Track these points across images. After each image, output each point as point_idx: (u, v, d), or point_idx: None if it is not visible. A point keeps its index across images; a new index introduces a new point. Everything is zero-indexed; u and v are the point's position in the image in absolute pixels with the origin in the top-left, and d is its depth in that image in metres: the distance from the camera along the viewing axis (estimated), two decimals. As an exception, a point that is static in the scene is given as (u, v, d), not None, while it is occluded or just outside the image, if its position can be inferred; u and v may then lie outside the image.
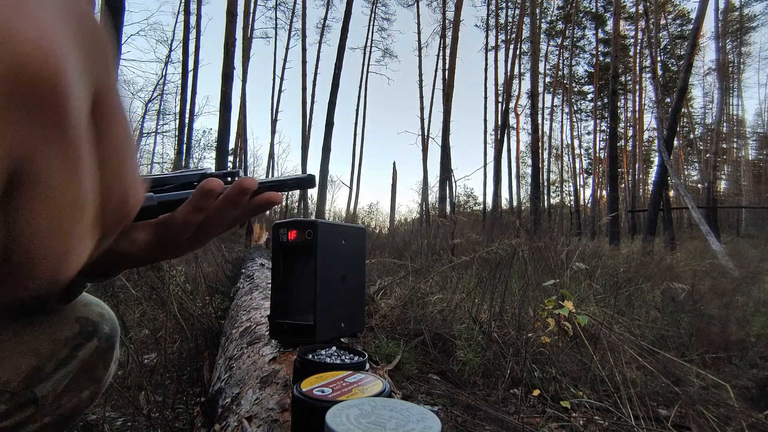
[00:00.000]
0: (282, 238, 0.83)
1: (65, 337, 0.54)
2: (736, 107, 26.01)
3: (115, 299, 1.83)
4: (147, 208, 0.36)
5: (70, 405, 0.57)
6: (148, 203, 0.36)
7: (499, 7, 20.60)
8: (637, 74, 21.89)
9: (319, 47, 19.42)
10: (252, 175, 0.68)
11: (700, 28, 7.61)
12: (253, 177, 0.40)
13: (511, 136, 22.19)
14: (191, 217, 0.37)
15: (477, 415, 1.43)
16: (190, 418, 1.26)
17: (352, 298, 0.87)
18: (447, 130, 13.43)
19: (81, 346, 0.56)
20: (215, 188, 0.36)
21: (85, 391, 0.59)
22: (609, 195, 9.13)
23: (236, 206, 0.38)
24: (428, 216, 12.29)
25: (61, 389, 0.55)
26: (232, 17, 9.85)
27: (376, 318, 2.42)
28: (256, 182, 0.38)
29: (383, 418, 0.29)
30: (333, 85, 11.47)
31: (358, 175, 21.43)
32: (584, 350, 1.71)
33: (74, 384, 0.57)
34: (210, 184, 0.36)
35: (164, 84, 15.62)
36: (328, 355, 0.59)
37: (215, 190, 0.36)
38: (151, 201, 0.36)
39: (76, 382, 0.57)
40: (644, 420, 1.36)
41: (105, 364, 0.62)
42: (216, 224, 0.39)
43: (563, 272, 2.86)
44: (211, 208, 0.37)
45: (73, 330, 0.56)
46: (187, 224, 0.37)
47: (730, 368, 1.93)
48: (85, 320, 0.57)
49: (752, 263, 4.78)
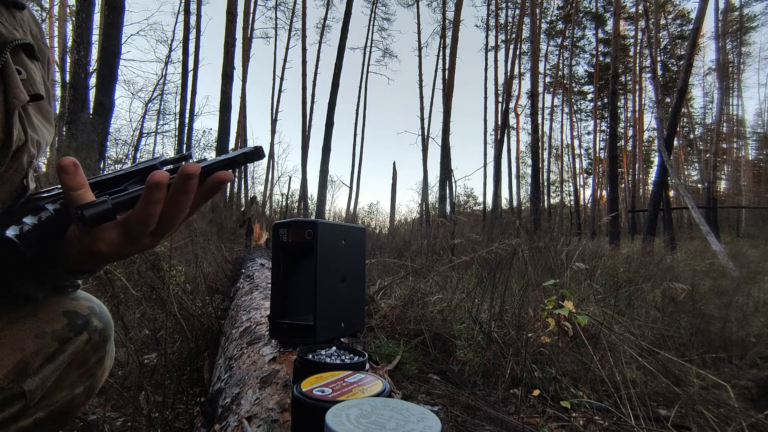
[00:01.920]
0: (282, 238, 0.83)
1: (52, 330, 0.54)
2: (736, 107, 26.01)
3: (115, 299, 1.82)
4: (104, 212, 0.37)
5: (65, 400, 0.57)
6: (103, 208, 0.37)
7: (499, 7, 20.59)
8: (637, 74, 21.89)
9: (319, 47, 19.41)
10: (252, 173, 0.68)
11: (700, 28, 7.61)
12: (196, 161, 0.42)
13: (511, 136, 22.21)
14: (149, 210, 0.39)
15: (477, 415, 1.43)
16: (190, 418, 1.25)
17: (352, 298, 0.87)
18: (447, 130, 13.43)
19: (70, 340, 0.56)
20: (161, 180, 0.38)
21: (79, 386, 0.59)
22: (609, 195, 9.13)
23: (187, 192, 0.40)
24: (428, 216, 12.29)
25: (51, 384, 0.55)
26: (232, 17, 9.85)
27: (376, 318, 2.42)
28: (198, 167, 0.40)
29: (383, 418, 0.29)
30: (333, 85, 11.47)
31: (358, 175, 21.43)
32: (584, 350, 1.71)
33: (66, 379, 0.57)
34: (155, 178, 0.38)
35: (164, 84, 15.59)
36: (328, 355, 0.59)
37: (161, 182, 0.38)
38: (106, 205, 0.37)
39: (68, 376, 0.57)
40: (644, 420, 1.36)
41: (99, 359, 0.61)
42: (175, 212, 0.41)
43: (563, 272, 2.86)
44: (165, 198, 0.39)
45: (61, 323, 0.56)
46: (147, 217, 0.39)
47: (730, 368, 1.93)
48: (73, 314, 0.57)
49: (752, 263, 4.78)
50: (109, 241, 0.41)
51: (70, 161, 0.38)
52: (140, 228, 0.40)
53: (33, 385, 0.52)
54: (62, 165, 0.38)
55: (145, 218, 0.39)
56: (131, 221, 0.40)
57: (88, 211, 0.36)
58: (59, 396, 0.57)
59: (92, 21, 5.91)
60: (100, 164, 5.88)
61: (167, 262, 2.24)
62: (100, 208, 0.37)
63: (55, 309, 0.56)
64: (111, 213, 0.38)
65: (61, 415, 0.58)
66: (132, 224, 0.40)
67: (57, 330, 0.55)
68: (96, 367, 0.61)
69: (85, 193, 0.38)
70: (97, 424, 1.24)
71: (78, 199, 0.38)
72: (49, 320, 0.55)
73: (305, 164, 16.29)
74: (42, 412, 0.55)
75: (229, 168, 0.43)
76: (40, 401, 0.54)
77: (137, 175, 0.43)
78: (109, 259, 0.44)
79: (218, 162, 0.43)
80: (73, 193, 0.38)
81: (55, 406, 0.56)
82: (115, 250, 0.42)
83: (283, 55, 20.04)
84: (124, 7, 5.80)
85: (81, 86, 5.70)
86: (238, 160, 0.45)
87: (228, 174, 0.43)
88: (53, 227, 0.41)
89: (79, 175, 0.38)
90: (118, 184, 0.43)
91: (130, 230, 0.40)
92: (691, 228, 15.18)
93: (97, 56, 6.01)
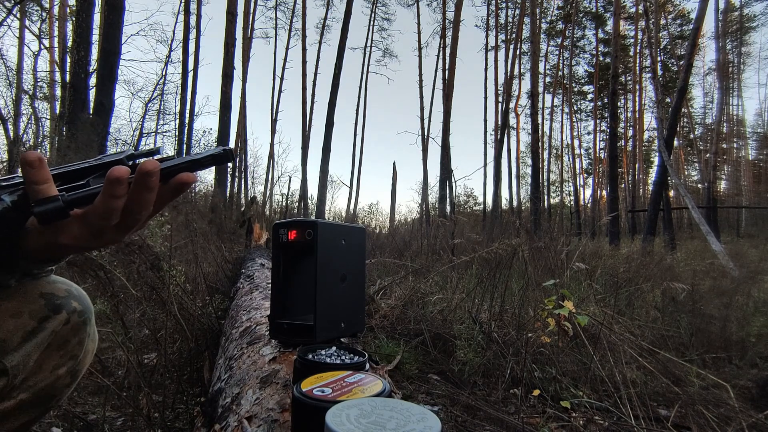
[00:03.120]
0: (282, 238, 0.83)
1: (30, 310, 0.55)
2: (736, 107, 25.98)
3: (115, 299, 1.83)
4: (54, 209, 0.37)
5: (47, 382, 0.58)
6: (54, 205, 0.37)
7: (499, 7, 20.58)
8: (637, 74, 21.88)
9: (319, 47, 19.40)
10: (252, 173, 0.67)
11: (700, 28, 7.61)
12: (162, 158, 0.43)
13: (511, 136, 22.20)
14: (108, 204, 0.39)
15: (477, 415, 1.43)
16: (190, 418, 1.25)
17: (352, 298, 0.87)
18: (447, 130, 13.43)
19: (48, 318, 0.57)
20: (121, 176, 0.38)
21: (61, 368, 0.60)
22: (609, 195, 9.13)
23: (148, 188, 0.40)
24: (428, 216, 12.29)
25: (33, 364, 0.55)
26: (232, 17, 9.86)
27: (376, 318, 2.42)
28: (157, 164, 0.39)
29: (383, 418, 0.29)
30: (333, 85, 11.47)
31: (358, 175, 21.42)
32: (584, 350, 1.71)
33: (48, 360, 0.58)
34: (114, 173, 0.38)
35: (164, 84, 15.58)
36: (328, 355, 0.59)
37: (121, 177, 0.38)
38: (57, 203, 0.37)
39: (50, 357, 0.58)
40: (644, 420, 1.36)
41: (79, 341, 0.62)
42: (138, 208, 0.41)
43: (563, 272, 2.86)
44: (125, 193, 0.39)
45: (38, 304, 0.56)
46: (109, 211, 0.39)
47: (730, 368, 1.93)
48: (50, 295, 0.58)
49: (752, 263, 4.77)
50: (71, 234, 0.41)
51: (35, 156, 0.38)
52: (101, 222, 0.40)
53: (14, 361, 0.52)
54: (27, 159, 0.38)
55: (105, 213, 0.39)
56: (91, 215, 0.40)
57: (39, 208, 0.37)
58: (42, 377, 0.58)
59: (92, 21, 5.91)
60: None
61: (167, 262, 2.24)
62: (51, 206, 0.37)
63: (32, 291, 0.57)
64: (62, 210, 0.38)
65: (45, 398, 0.59)
66: (92, 218, 0.40)
67: (34, 309, 0.56)
68: (77, 348, 0.62)
69: (47, 188, 0.38)
70: (97, 423, 1.24)
71: (40, 193, 0.38)
72: (25, 301, 0.55)
73: (305, 164, 16.29)
74: (25, 393, 0.55)
75: (194, 170, 0.43)
76: (23, 382, 0.55)
77: (102, 168, 0.43)
78: (72, 251, 0.45)
79: (184, 162, 0.42)
80: (36, 186, 0.38)
81: (39, 387, 0.57)
82: (77, 242, 0.42)
83: (283, 55, 20.04)
84: (124, 7, 5.80)
85: (81, 86, 5.69)
86: (204, 162, 0.43)
87: (191, 176, 0.42)
88: (12, 218, 0.40)
89: (44, 169, 0.38)
90: (83, 177, 0.42)
91: (91, 224, 0.40)
92: (691, 228, 15.18)
93: (97, 56, 6.01)
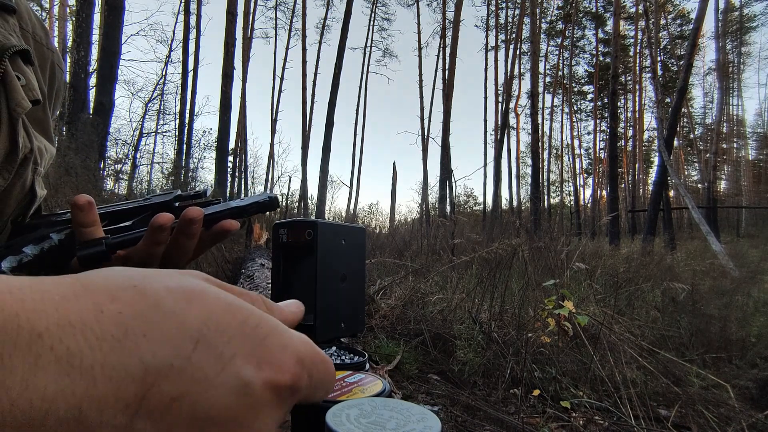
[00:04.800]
0: (282, 238, 0.83)
1: None
2: (736, 107, 26.01)
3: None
4: (96, 253, 0.38)
5: None
6: (96, 249, 0.38)
7: (499, 7, 20.58)
8: (637, 74, 21.89)
9: (319, 47, 19.41)
10: (251, 173, 0.67)
11: (700, 28, 7.61)
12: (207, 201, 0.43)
13: (511, 136, 22.21)
14: (151, 249, 0.39)
15: (477, 415, 1.43)
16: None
17: (352, 298, 0.87)
18: (447, 130, 13.43)
19: None
20: (164, 223, 0.38)
21: None
22: (609, 195, 9.13)
23: (189, 236, 0.40)
24: (428, 216, 12.29)
25: None
26: (232, 17, 9.86)
27: (376, 318, 2.42)
28: (201, 212, 0.40)
29: (383, 418, 0.29)
30: (333, 85, 11.47)
31: (358, 175, 21.44)
32: (584, 350, 1.71)
33: None
34: (158, 220, 0.38)
35: (164, 84, 15.60)
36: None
37: (164, 224, 0.38)
38: (100, 247, 0.38)
39: None
40: (644, 420, 1.36)
41: None
42: (178, 254, 0.41)
43: (563, 272, 2.86)
44: (167, 239, 0.39)
45: None
46: (149, 257, 0.40)
47: (730, 368, 1.93)
48: None
49: (752, 263, 4.77)
50: None
51: (85, 200, 0.38)
52: (144, 265, 0.40)
53: None
54: (77, 203, 0.38)
55: (146, 258, 0.40)
56: (133, 258, 0.40)
57: (82, 252, 0.37)
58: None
59: (92, 21, 5.91)
60: (100, 164, 5.88)
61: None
62: (94, 249, 0.37)
63: None
64: (104, 254, 0.38)
65: None
66: (133, 262, 0.40)
67: None
68: None
69: (94, 231, 0.38)
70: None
71: (86, 235, 0.38)
72: None
73: (305, 164, 16.30)
74: None
75: (237, 217, 0.43)
76: None
77: (150, 209, 0.43)
78: None
79: (228, 209, 0.42)
80: (83, 229, 0.38)
81: None
82: None
83: (283, 55, 20.05)
84: (124, 7, 5.80)
85: (81, 86, 5.69)
86: (249, 209, 0.43)
87: (234, 224, 0.42)
88: (56, 257, 0.40)
89: (92, 213, 0.38)
90: (130, 217, 0.43)
91: (135, 265, 0.40)
92: (691, 228, 15.18)
93: (97, 56, 6.01)
